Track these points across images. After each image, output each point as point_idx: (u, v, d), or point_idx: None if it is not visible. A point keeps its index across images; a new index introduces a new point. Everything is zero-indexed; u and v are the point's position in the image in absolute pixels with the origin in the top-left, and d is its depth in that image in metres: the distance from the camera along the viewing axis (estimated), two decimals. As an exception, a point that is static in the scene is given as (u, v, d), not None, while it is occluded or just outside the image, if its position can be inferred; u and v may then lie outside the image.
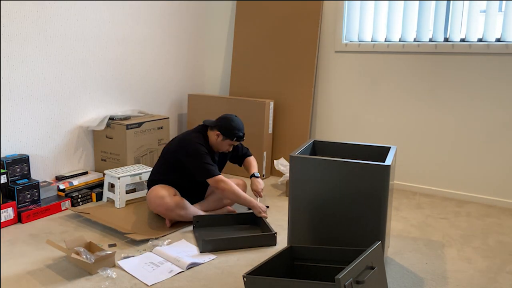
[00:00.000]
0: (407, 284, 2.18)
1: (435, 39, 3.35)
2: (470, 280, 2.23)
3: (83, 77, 3.36)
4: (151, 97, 3.95)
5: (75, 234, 2.66)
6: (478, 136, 3.29)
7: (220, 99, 3.98)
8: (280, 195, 3.43)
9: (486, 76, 3.20)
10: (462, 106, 3.31)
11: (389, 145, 2.47)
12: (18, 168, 2.92)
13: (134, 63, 3.75)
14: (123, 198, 3.10)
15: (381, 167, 2.09)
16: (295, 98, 3.84)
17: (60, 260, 2.35)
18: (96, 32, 3.40)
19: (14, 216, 2.80)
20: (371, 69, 3.60)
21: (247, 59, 4.08)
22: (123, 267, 2.27)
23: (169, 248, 2.47)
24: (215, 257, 2.40)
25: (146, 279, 2.17)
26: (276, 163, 3.53)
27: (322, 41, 3.76)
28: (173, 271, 2.24)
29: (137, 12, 3.69)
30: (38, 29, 3.02)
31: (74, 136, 3.37)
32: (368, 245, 2.10)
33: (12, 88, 2.94)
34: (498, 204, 3.26)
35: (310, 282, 1.68)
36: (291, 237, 2.35)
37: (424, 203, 3.31)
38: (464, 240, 2.69)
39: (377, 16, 3.54)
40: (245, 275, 1.84)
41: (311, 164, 2.22)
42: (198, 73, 4.42)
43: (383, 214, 2.12)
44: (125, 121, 3.41)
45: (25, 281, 2.16)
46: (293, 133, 3.86)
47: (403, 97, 3.51)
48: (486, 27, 3.16)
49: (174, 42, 4.09)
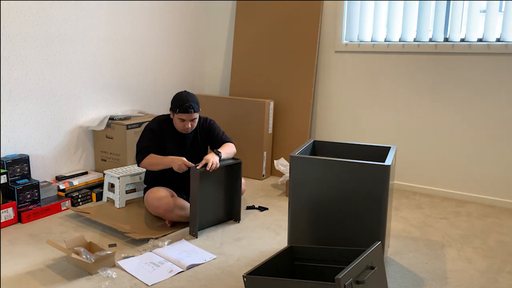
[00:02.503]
0: (407, 284, 2.18)
1: (435, 39, 3.35)
2: (470, 280, 2.23)
3: (83, 77, 3.36)
4: (151, 97, 3.95)
5: (75, 234, 2.66)
6: (478, 136, 3.29)
7: (220, 99, 3.98)
8: (280, 195, 3.43)
9: (486, 76, 3.20)
10: (462, 106, 3.31)
11: (389, 145, 2.47)
12: (18, 168, 2.92)
13: (134, 63, 3.75)
14: (123, 198, 3.10)
15: (381, 167, 2.09)
16: (295, 98, 3.84)
17: (60, 260, 2.35)
18: (96, 32, 3.40)
19: (14, 216, 2.80)
20: (371, 69, 3.60)
21: (247, 59, 4.08)
22: (123, 267, 2.27)
23: (170, 248, 2.47)
24: (216, 257, 2.40)
25: (146, 279, 2.17)
26: (276, 163, 3.53)
27: (322, 41, 3.76)
28: (173, 271, 2.24)
29: (137, 12, 3.69)
30: (38, 29, 3.02)
31: (74, 136, 3.37)
32: (368, 245, 2.10)
33: (12, 88, 2.94)
34: (498, 204, 3.26)
35: (310, 282, 1.68)
36: (291, 237, 2.35)
37: (424, 203, 3.31)
38: (464, 240, 2.69)
39: (377, 16, 3.54)
40: (245, 275, 1.84)
41: (311, 164, 2.22)
42: (198, 73, 4.42)
43: (383, 214, 2.12)
44: (125, 121, 3.41)
45: (25, 281, 2.16)
46: (293, 133, 3.86)
47: (403, 97, 3.51)
48: (486, 27, 3.16)
49: (174, 42, 4.09)
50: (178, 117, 2.74)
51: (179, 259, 2.33)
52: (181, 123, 2.76)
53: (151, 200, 2.74)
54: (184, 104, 2.71)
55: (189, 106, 2.71)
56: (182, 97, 2.75)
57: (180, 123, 2.76)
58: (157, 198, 2.71)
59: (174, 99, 2.78)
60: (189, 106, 2.71)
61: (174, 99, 2.78)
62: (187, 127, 2.77)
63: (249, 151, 3.79)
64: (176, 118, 2.76)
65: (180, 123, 2.76)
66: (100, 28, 3.42)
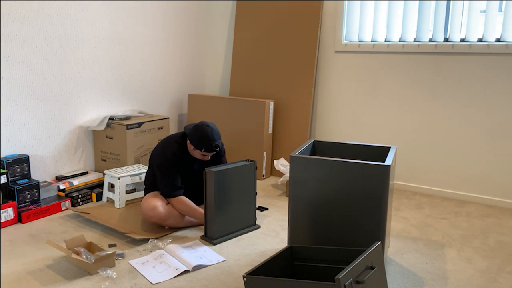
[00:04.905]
0: (407, 284, 2.18)
1: (435, 39, 3.35)
2: (470, 280, 2.23)
3: (83, 77, 3.36)
4: (151, 97, 3.95)
5: (75, 234, 2.66)
6: (478, 136, 3.29)
7: (220, 99, 3.98)
8: (280, 195, 3.43)
9: (486, 76, 3.20)
10: (462, 106, 3.31)
11: (389, 145, 2.47)
12: (18, 168, 2.92)
13: (134, 63, 3.75)
14: (123, 198, 3.10)
15: (381, 167, 2.09)
16: (295, 98, 3.84)
17: (60, 260, 2.35)
18: (96, 32, 3.40)
19: (14, 216, 2.80)
20: (371, 69, 3.60)
21: (247, 59, 4.08)
22: (133, 265, 2.29)
23: (181, 248, 2.47)
24: (225, 260, 2.39)
25: (151, 277, 2.18)
26: (276, 163, 3.53)
27: (322, 41, 3.76)
28: (179, 269, 2.24)
29: (137, 12, 3.69)
30: (38, 29, 3.02)
31: (74, 136, 3.37)
32: (368, 245, 2.11)
33: (12, 88, 2.94)
34: (498, 204, 3.26)
35: (310, 282, 1.68)
36: (291, 237, 2.35)
37: (424, 203, 3.31)
38: (464, 240, 2.69)
39: (377, 16, 3.54)
40: (245, 275, 1.84)
41: (311, 164, 2.22)
42: (198, 73, 4.42)
43: (383, 214, 2.11)
44: (125, 121, 3.41)
45: (25, 281, 2.16)
46: (293, 133, 3.86)
47: (403, 97, 3.51)
48: (486, 27, 3.16)
49: (174, 42, 4.09)
50: (200, 153, 2.68)
51: (187, 259, 2.33)
52: (200, 155, 2.70)
53: (145, 210, 2.69)
54: (211, 146, 2.63)
55: (216, 146, 2.65)
56: (208, 136, 2.62)
57: (199, 155, 2.70)
58: (151, 208, 2.65)
59: (198, 137, 2.63)
60: (216, 146, 2.65)
61: (198, 137, 2.63)
62: (207, 159, 2.74)
63: (249, 151, 3.79)
64: (197, 152, 2.69)
65: (199, 155, 2.70)
66: (100, 28, 3.42)
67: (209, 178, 2.54)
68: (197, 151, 2.68)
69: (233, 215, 2.67)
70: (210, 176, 2.53)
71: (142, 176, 3.17)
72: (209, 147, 2.63)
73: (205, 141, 2.62)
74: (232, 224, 2.67)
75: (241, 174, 2.68)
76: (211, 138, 2.63)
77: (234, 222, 2.68)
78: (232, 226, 2.68)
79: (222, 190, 2.57)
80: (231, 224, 2.67)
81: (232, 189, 2.64)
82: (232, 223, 2.67)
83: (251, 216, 2.78)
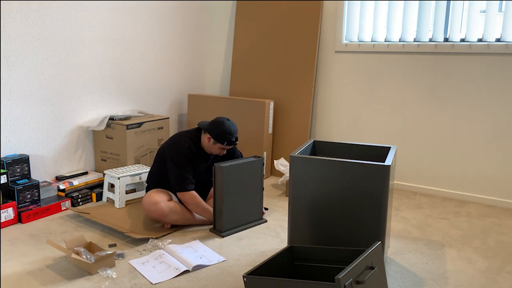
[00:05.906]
0: (407, 284, 2.18)
1: (435, 39, 3.35)
2: (470, 280, 2.23)
3: (83, 77, 3.36)
4: (151, 97, 3.95)
5: (75, 234, 2.66)
6: (478, 136, 3.29)
7: (220, 99, 3.98)
8: (280, 195, 3.43)
9: (486, 76, 3.20)
10: (462, 106, 3.31)
11: (389, 145, 2.47)
12: (18, 168, 2.92)
13: (134, 63, 3.75)
14: (123, 198, 3.10)
15: (381, 167, 2.09)
16: (295, 98, 3.84)
17: (60, 260, 2.35)
18: (96, 32, 3.40)
19: (14, 216, 2.80)
20: (371, 69, 3.60)
21: (247, 59, 4.08)
22: (133, 265, 2.29)
23: (181, 248, 2.47)
24: (225, 260, 2.39)
25: (151, 277, 2.18)
26: (276, 163, 3.53)
27: (322, 41, 3.77)
28: (179, 269, 2.24)
29: (137, 12, 3.69)
30: (38, 29, 3.02)
31: (74, 136, 3.37)
32: (368, 245, 2.10)
33: (12, 88, 2.94)
34: (498, 204, 3.26)
35: (310, 282, 1.68)
36: (291, 237, 2.35)
37: (424, 203, 3.31)
38: (464, 240, 2.69)
39: (377, 16, 3.54)
40: (245, 275, 1.84)
41: (311, 164, 2.22)
42: (198, 73, 4.42)
43: (383, 214, 2.12)
44: (125, 121, 3.41)
45: (25, 281, 2.16)
46: (293, 133, 3.86)
47: (403, 97, 3.51)
48: (486, 27, 3.16)
49: (174, 42, 4.09)
50: (220, 146, 2.75)
51: (187, 259, 2.33)
52: (219, 150, 2.78)
53: (147, 204, 2.71)
54: (232, 138, 2.73)
55: (236, 139, 2.76)
56: (231, 130, 2.73)
57: (217, 150, 2.78)
58: (152, 203, 2.68)
59: (219, 130, 2.71)
60: (236, 139, 2.76)
61: (219, 130, 2.71)
62: (223, 153, 2.83)
63: (249, 151, 3.79)
64: (217, 146, 2.75)
65: (217, 150, 2.78)
66: (100, 28, 3.42)
67: (218, 173, 2.63)
68: (217, 145, 2.76)
69: (241, 209, 2.76)
70: (219, 171, 2.62)
71: (142, 176, 3.17)
72: (231, 141, 2.74)
73: (227, 135, 2.72)
74: (240, 217, 2.77)
75: (249, 170, 2.77)
76: (233, 131, 2.75)
77: (242, 216, 2.78)
78: (240, 219, 2.77)
79: (231, 184, 2.66)
80: (239, 217, 2.76)
81: (240, 184, 2.73)
82: (240, 216, 2.76)
83: (258, 210, 2.87)
